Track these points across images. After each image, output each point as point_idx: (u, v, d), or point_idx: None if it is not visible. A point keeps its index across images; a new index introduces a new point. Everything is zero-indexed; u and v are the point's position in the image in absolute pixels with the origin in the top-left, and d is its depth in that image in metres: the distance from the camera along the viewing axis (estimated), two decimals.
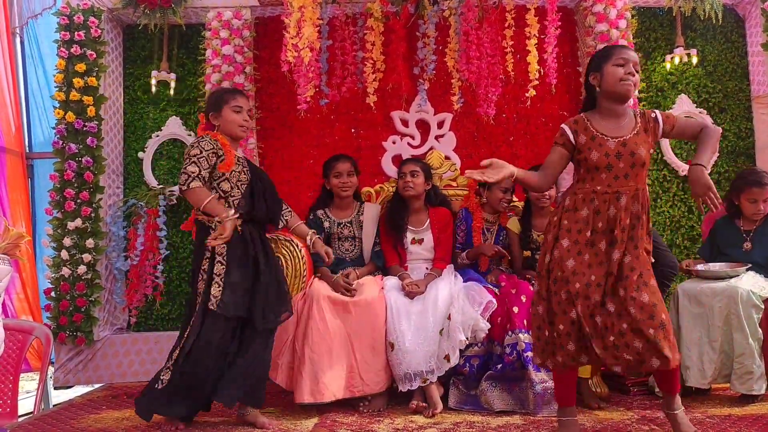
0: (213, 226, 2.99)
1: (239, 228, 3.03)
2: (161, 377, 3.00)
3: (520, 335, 3.17)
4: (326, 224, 3.79)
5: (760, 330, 3.11)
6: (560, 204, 2.68)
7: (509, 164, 2.57)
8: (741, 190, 3.53)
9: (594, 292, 2.48)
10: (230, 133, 3.16)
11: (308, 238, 3.39)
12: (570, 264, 2.52)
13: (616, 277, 2.49)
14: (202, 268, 3.03)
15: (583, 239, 2.54)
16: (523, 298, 3.29)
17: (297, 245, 3.62)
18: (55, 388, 4.37)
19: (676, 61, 4.65)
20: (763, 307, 3.15)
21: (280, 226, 3.41)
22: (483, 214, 3.83)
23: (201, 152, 3.01)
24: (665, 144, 4.65)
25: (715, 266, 3.44)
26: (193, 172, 2.97)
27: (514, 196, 3.93)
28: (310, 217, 3.82)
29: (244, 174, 3.17)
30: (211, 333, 2.95)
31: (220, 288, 2.96)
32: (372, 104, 4.22)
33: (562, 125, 2.64)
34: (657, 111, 2.65)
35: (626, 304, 2.42)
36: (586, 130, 2.59)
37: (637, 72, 2.59)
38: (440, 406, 3.19)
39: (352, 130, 4.83)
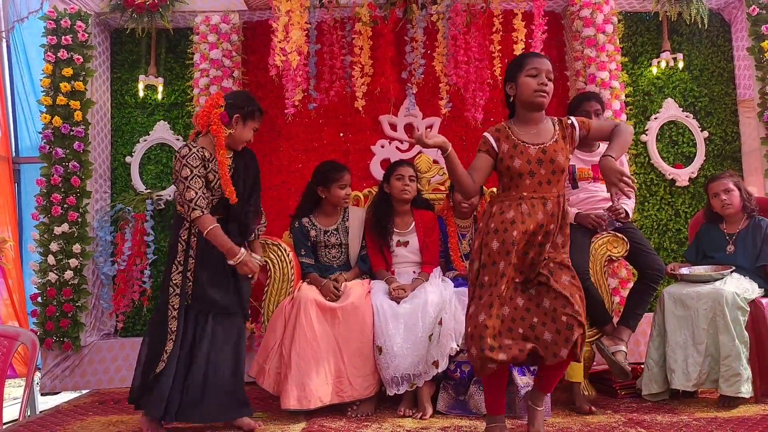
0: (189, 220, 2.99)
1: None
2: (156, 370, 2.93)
3: None
4: (312, 233, 3.75)
5: (746, 333, 3.13)
6: (487, 211, 2.68)
7: (447, 140, 2.58)
8: (707, 192, 3.67)
9: (518, 294, 2.54)
10: (235, 145, 3.08)
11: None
12: (501, 266, 2.51)
13: (535, 280, 2.55)
14: (177, 259, 3.01)
15: (509, 239, 2.52)
16: None
17: (285, 250, 3.62)
18: (42, 395, 4.35)
19: (663, 65, 4.69)
20: (748, 309, 3.17)
21: (251, 238, 3.24)
22: (455, 219, 3.84)
23: (191, 172, 2.92)
24: (652, 148, 4.68)
25: (699, 269, 3.47)
26: (191, 200, 2.90)
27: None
28: (296, 225, 3.75)
29: (231, 170, 3.10)
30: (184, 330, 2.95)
31: (191, 283, 2.96)
32: (360, 108, 4.22)
33: (485, 133, 2.67)
34: (573, 117, 2.70)
35: (541, 301, 2.51)
36: (508, 138, 2.61)
37: (551, 80, 2.61)
38: (430, 410, 3.18)
39: (341, 134, 4.84)
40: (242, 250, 2.96)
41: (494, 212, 2.61)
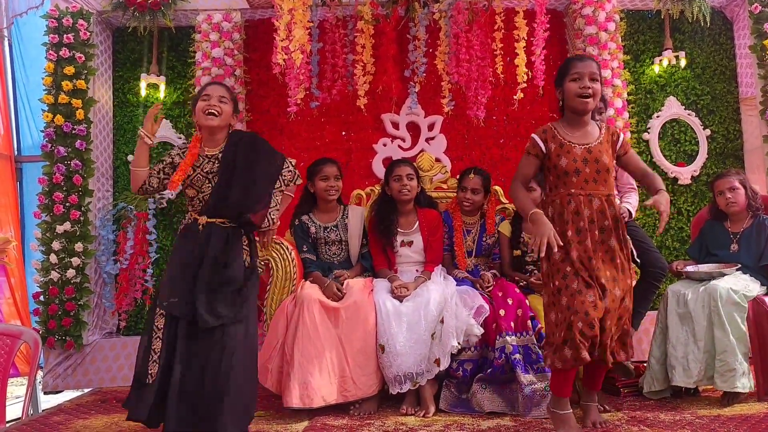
0: (185, 219, 2.95)
1: (200, 224, 2.84)
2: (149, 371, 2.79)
3: (507, 338, 3.19)
4: (312, 229, 3.76)
5: (743, 328, 3.12)
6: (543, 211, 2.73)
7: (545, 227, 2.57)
8: (712, 189, 3.67)
9: (589, 290, 2.57)
10: (201, 125, 2.92)
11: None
12: (575, 254, 2.62)
13: (597, 273, 2.61)
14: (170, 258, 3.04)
15: (565, 240, 2.63)
16: (510, 301, 3.31)
17: (287, 248, 3.62)
18: (44, 393, 4.35)
19: (665, 63, 4.69)
20: (746, 305, 3.16)
21: (264, 224, 2.95)
22: (462, 215, 3.84)
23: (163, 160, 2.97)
24: (654, 146, 4.69)
25: (704, 267, 3.46)
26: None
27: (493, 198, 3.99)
28: (296, 223, 3.76)
29: (216, 165, 2.88)
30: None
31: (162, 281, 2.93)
32: (362, 107, 4.22)
33: (533, 135, 2.77)
34: (621, 133, 2.85)
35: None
36: (555, 138, 2.73)
37: (595, 81, 2.71)
38: (433, 408, 3.19)
39: (343, 133, 4.84)
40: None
41: (550, 214, 2.71)
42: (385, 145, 4.77)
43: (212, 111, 2.87)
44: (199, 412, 2.67)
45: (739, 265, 3.35)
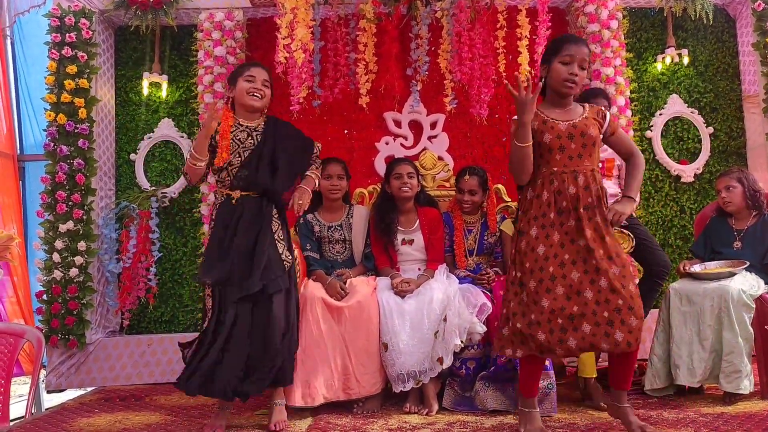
0: (218, 196, 3.09)
1: (233, 199, 3.04)
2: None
3: None
4: (317, 228, 3.76)
5: (750, 329, 3.12)
6: (522, 195, 2.72)
7: None
8: (716, 188, 3.68)
9: (570, 270, 2.51)
10: (241, 102, 3.12)
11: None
12: (541, 251, 2.55)
13: (586, 253, 2.52)
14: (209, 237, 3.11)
15: (548, 222, 2.57)
16: None
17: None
18: (48, 392, 4.35)
19: (668, 61, 4.68)
20: (754, 306, 3.16)
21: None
22: (462, 214, 3.84)
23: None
24: (657, 144, 4.68)
25: (711, 264, 3.45)
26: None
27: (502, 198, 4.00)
28: (301, 221, 3.76)
29: (251, 139, 3.10)
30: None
31: (203, 257, 3.01)
32: (365, 105, 4.22)
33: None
34: (607, 112, 2.74)
35: (598, 281, 2.48)
36: (537, 116, 2.64)
37: (584, 68, 2.63)
38: (436, 406, 3.19)
39: (345, 131, 4.84)
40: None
41: (529, 195, 2.64)
42: (387, 143, 4.77)
43: (256, 94, 3.11)
44: (246, 375, 2.87)
45: (748, 263, 3.32)
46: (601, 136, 2.69)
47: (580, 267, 2.51)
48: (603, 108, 2.75)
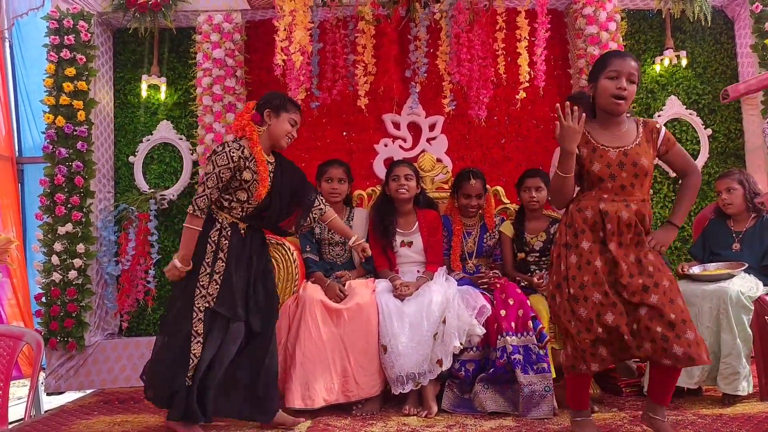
0: (220, 221, 3.00)
1: (242, 230, 3.02)
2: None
3: (508, 338, 3.19)
4: (317, 230, 3.76)
5: (749, 331, 3.13)
6: (564, 216, 2.64)
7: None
8: (716, 189, 3.66)
9: (614, 295, 2.43)
10: (276, 139, 3.03)
11: (352, 240, 3.28)
12: (586, 278, 2.46)
13: (629, 276, 2.44)
14: (206, 260, 2.96)
15: (596, 237, 2.49)
16: (511, 302, 3.30)
17: (289, 249, 3.62)
18: (47, 394, 4.35)
19: (666, 62, 4.69)
20: (752, 308, 3.16)
21: (305, 222, 3.22)
22: (461, 217, 3.84)
23: (212, 169, 2.90)
24: None
25: (710, 266, 3.45)
26: (196, 195, 2.92)
27: (504, 200, 3.98)
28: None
29: (269, 179, 3.04)
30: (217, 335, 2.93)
31: (218, 286, 2.92)
32: (363, 107, 4.23)
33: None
34: (663, 127, 2.64)
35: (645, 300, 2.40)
36: (587, 143, 2.54)
37: (633, 82, 2.53)
38: (435, 408, 3.19)
39: (344, 133, 4.84)
40: (179, 264, 2.91)
41: (575, 220, 2.54)
42: (386, 145, 4.77)
43: (291, 139, 3.09)
44: (246, 402, 2.99)
45: (747, 265, 3.32)
46: (656, 155, 2.60)
47: (612, 297, 2.43)
48: (654, 122, 2.64)
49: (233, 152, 2.91)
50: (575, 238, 2.53)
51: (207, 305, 2.89)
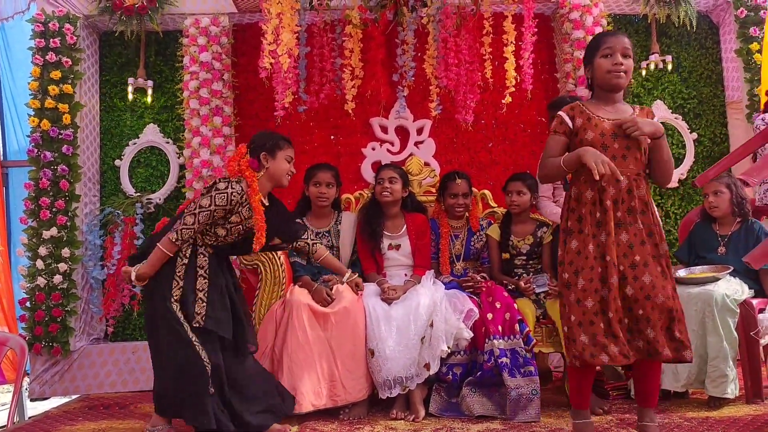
0: (199, 243, 2.97)
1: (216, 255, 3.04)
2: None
3: (495, 341, 3.19)
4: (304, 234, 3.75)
5: (735, 334, 3.14)
6: (567, 196, 2.64)
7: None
8: (703, 192, 3.68)
9: (612, 274, 2.41)
10: (277, 179, 3.03)
11: (346, 276, 3.39)
12: (591, 247, 2.46)
13: (624, 259, 2.44)
14: (177, 273, 2.89)
15: (593, 221, 2.48)
16: (498, 305, 3.30)
17: (276, 253, 3.60)
18: (31, 400, 4.31)
19: (652, 67, 4.72)
20: (738, 311, 3.18)
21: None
22: (449, 220, 3.84)
23: (207, 206, 2.84)
24: None
25: (696, 269, 3.47)
26: (184, 225, 2.84)
27: (490, 203, 4.02)
28: None
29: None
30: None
31: (204, 304, 2.87)
32: (351, 111, 4.21)
33: (559, 112, 2.60)
34: (657, 118, 2.67)
35: (635, 292, 2.41)
36: (582, 113, 2.56)
37: (628, 57, 2.54)
38: (422, 412, 3.18)
39: (332, 137, 4.84)
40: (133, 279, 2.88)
41: (573, 196, 2.56)
42: (373, 149, 4.77)
43: (290, 177, 3.11)
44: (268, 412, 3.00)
45: (732, 268, 3.34)
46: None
47: (617, 270, 2.43)
48: (653, 113, 2.68)
49: (234, 196, 2.87)
50: (578, 223, 2.53)
51: (197, 324, 2.85)
